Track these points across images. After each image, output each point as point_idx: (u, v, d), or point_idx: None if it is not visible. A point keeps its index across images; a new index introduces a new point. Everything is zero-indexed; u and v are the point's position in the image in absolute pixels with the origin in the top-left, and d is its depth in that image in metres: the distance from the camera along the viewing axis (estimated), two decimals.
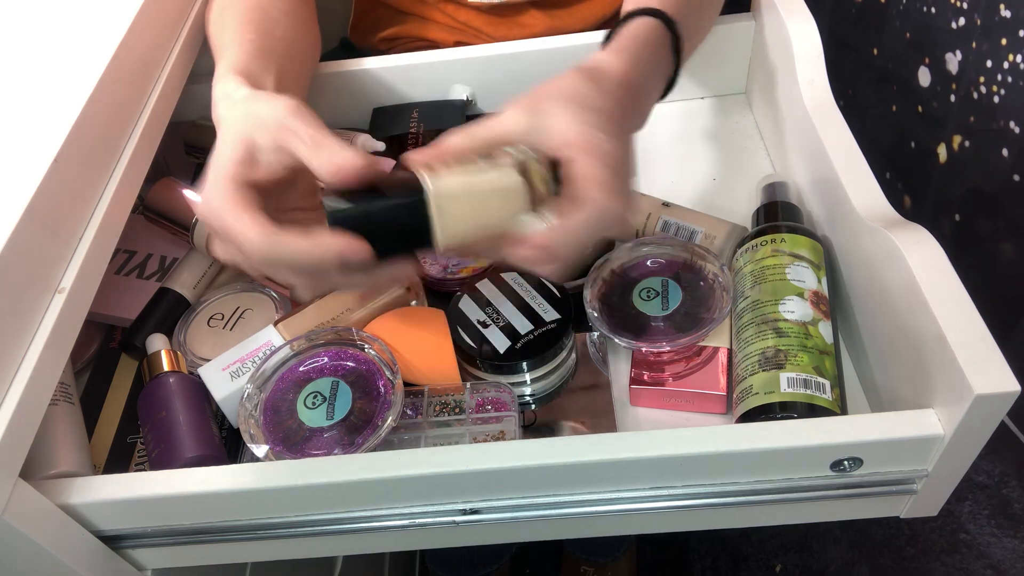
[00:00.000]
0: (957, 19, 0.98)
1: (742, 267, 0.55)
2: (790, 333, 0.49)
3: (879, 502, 0.46)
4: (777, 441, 0.42)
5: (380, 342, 0.52)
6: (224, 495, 0.45)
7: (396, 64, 0.71)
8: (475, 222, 0.41)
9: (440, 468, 0.43)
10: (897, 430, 0.42)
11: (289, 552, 0.51)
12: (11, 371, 0.41)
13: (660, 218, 0.62)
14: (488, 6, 0.77)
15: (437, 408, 0.52)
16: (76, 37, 0.55)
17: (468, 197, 0.40)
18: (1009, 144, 0.95)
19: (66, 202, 0.47)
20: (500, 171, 0.41)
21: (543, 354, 0.53)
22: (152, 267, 0.66)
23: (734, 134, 0.74)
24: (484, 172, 0.41)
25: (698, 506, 0.46)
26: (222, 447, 0.52)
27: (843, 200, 0.51)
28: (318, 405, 0.50)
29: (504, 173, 0.40)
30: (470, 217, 0.41)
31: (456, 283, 0.59)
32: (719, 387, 0.52)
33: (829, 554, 1.20)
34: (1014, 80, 0.91)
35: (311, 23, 0.67)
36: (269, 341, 0.54)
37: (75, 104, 0.49)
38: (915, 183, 1.17)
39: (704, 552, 1.23)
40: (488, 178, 0.40)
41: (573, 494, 0.46)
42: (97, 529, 0.47)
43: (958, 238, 1.10)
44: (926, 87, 1.07)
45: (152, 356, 0.55)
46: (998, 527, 1.18)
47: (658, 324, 0.53)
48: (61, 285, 0.45)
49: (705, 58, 0.75)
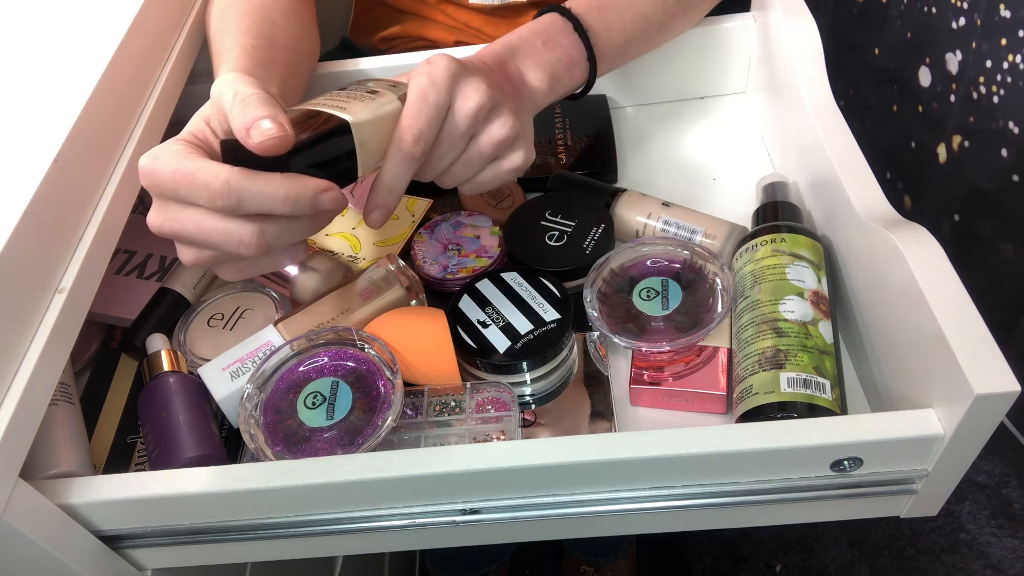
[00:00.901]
0: (957, 19, 0.98)
1: (742, 267, 0.55)
2: (790, 333, 0.49)
3: (879, 502, 0.46)
4: (777, 441, 0.42)
5: (380, 342, 0.52)
6: (224, 495, 0.45)
7: (396, 64, 0.71)
8: (381, 147, 0.46)
9: (440, 468, 0.43)
10: (897, 430, 0.42)
11: (289, 552, 0.51)
12: (11, 371, 0.41)
13: (660, 218, 0.62)
14: (489, 8, 0.77)
15: (437, 408, 0.52)
16: (76, 37, 0.55)
17: (373, 124, 0.44)
18: (1008, 144, 0.95)
19: (66, 202, 0.47)
20: (386, 99, 0.46)
21: (543, 354, 0.53)
22: (152, 267, 0.66)
23: (734, 134, 0.74)
24: (376, 102, 0.45)
25: (698, 506, 0.46)
26: (222, 447, 0.52)
27: (843, 200, 0.51)
28: (318, 405, 0.50)
29: (387, 99, 0.46)
30: (377, 143, 0.45)
31: (456, 283, 0.59)
32: (719, 387, 0.52)
33: (829, 554, 1.20)
34: (1014, 80, 0.91)
35: (311, 25, 0.67)
36: (269, 341, 0.54)
37: (75, 104, 0.49)
38: (915, 183, 1.17)
39: (704, 552, 1.23)
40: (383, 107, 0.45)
41: (573, 494, 0.46)
42: (97, 529, 0.47)
43: (958, 238, 1.10)
44: (926, 87, 1.07)
45: (152, 356, 0.55)
46: (998, 527, 1.18)
47: (658, 324, 0.53)
48: (61, 285, 0.45)
49: (705, 58, 0.75)
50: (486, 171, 0.50)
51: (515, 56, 0.55)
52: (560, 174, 0.68)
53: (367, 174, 0.46)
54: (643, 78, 0.77)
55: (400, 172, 0.46)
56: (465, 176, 0.50)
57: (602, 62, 0.59)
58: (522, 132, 0.50)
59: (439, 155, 0.48)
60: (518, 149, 0.50)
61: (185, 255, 0.44)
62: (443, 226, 0.64)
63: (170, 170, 0.40)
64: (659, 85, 0.77)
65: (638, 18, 0.62)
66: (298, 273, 0.60)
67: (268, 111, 0.40)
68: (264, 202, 0.40)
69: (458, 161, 0.49)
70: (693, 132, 0.75)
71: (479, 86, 0.47)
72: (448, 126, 0.47)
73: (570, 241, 0.59)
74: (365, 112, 0.44)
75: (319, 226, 0.44)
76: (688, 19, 0.68)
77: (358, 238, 0.66)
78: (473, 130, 0.48)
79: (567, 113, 0.76)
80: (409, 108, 0.46)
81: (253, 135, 0.39)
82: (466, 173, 0.50)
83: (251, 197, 0.40)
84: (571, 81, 0.58)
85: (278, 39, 0.58)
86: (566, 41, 0.57)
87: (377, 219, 0.48)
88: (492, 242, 0.62)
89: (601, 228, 0.60)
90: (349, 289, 0.57)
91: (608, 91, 0.78)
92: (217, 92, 0.43)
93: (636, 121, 0.77)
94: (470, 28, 0.79)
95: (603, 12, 0.60)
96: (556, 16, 0.58)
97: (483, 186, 0.51)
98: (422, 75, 0.46)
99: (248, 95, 0.41)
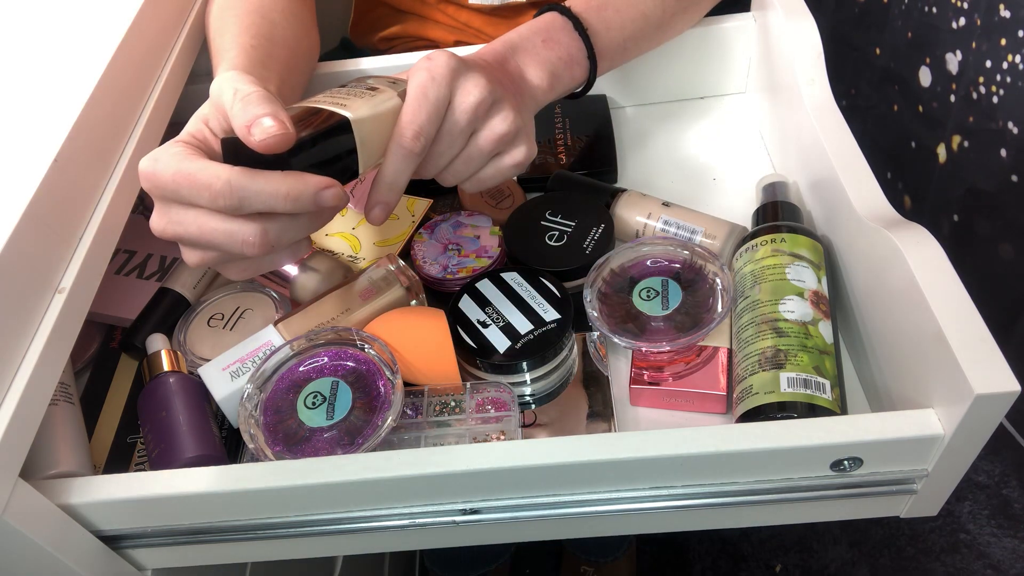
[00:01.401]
0: (958, 19, 0.98)
1: (742, 267, 0.55)
2: (790, 333, 0.49)
3: (879, 502, 0.46)
4: (777, 441, 0.42)
5: (380, 342, 0.52)
6: (224, 495, 0.45)
7: (396, 64, 0.71)
8: (381, 144, 0.46)
9: (440, 468, 0.43)
10: (897, 430, 0.42)
11: (289, 552, 0.51)
12: (11, 371, 0.41)
13: (660, 218, 0.62)
14: (489, 8, 0.77)
15: (437, 408, 0.52)
16: (76, 37, 0.55)
17: (373, 121, 0.44)
18: (1008, 144, 0.95)
19: (66, 202, 0.47)
20: (386, 95, 0.46)
21: (543, 354, 0.53)
22: (152, 267, 0.66)
23: (734, 134, 0.74)
24: (376, 99, 0.45)
25: (698, 506, 0.46)
26: (222, 447, 0.52)
27: (843, 200, 0.51)
28: (318, 405, 0.50)
29: (387, 96, 0.46)
30: (378, 140, 0.45)
31: (456, 283, 0.59)
32: (719, 387, 0.52)
33: (829, 554, 1.20)
34: (1013, 80, 0.91)
35: (310, 25, 0.67)
36: (269, 341, 0.54)
37: (75, 104, 0.49)
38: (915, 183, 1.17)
39: (704, 552, 1.23)
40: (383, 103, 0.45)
41: (573, 494, 0.46)
42: (97, 529, 0.47)
43: (958, 238, 1.10)
44: (927, 87, 1.07)
45: (152, 356, 0.55)
46: (998, 527, 1.18)
47: (658, 324, 0.53)
48: (61, 285, 0.45)
49: (705, 58, 0.75)
50: (487, 167, 0.50)
51: (515, 54, 0.55)
52: (560, 174, 0.68)
53: (368, 171, 0.46)
54: (643, 78, 0.77)
55: (401, 168, 0.46)
56: (466, 173, 0.50)
57: (602, 60, 0.59)
58: (523, 128, 0.50)
59: (440, 151, 0.48)
60: (519, 145, 0.50)
61: (189, 257, 0.44)
62: (443, 226, 0.64)
63: (171, 172, 0.40)
64: (659, 85, 0.77)
65: (638, 16, 0.62)
66: (298, 273, 0.60)
67: (269, 108, 0.40)
68: (266, 201, 0.40)
69: (459, 157, 0.49)
70: (693, 132, 0.75)
71: (479, 82, 0.47)
72: (448, 122, 0.47)
73: (570, 241, 0.59)
74: (365, 109, 0.44)
75: (322, 223, 0.44)
76: (688, 18, 0.68)
77: (358, 238, 0.66)
78: (474, 125, 0.48)
79: (567, 113, 0.76)
80: (409, 104, 0.46)
81: (255, 133, 0.39)
82: (467, 169, 0.50)
83: (253, 196, 0.40)
84: (571, 79, 0.58)
85: (277, 38, 0.58)
86: (566, 39, 0.57)
87: (378, 216, 0.48)
88: (492, 242, 0.62)
89: (601, 228, 0.60)
90: (349, 289, 0.57)
91: (608, 91, 0.78)
92: (216, 91, 0.43)
93: (636, 121, 0.77)
94: (470, 28, 0.79)
95: (603, 11, 0.60)
96: (556, 15, 0.58)
97: (484, 183, 0.51)
98: (422, 71, 0.46)
99: (248, 93, 0.41)
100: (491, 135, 0.48)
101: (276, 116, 0.39)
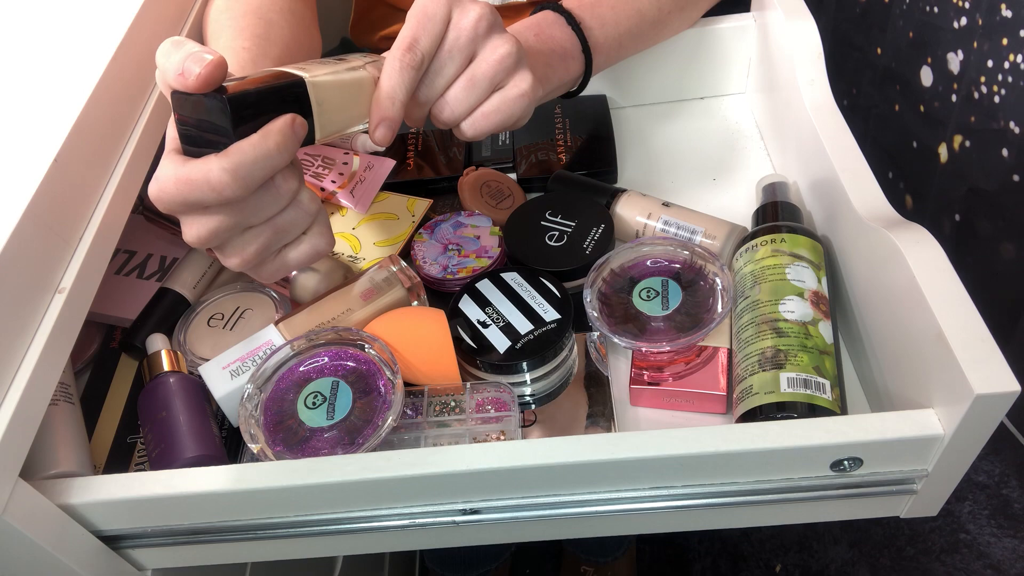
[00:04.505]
0: (959, 19, 0.98)
1: (742, 267, 0.55)
2: (790, 333, 0.49)
3: (879, 502, 0.46)
4: (777, 441, 0.42)
5: (380, 342, 0.52)
6: (224, 495, 0.45)
7: None
8: (344, 112, 0.46)
9: (440, 468, 0.43)
10: (897, 430, 0.42)
11: (289, 552, 0.51)
12: (11, 371, 0.41)
13: (660, 218, 0.62)
14: None
15: (437, 408, 0.52)
16: (76, 37, 0.55)
17: (336, 89, 0.44)
18: (1009, 144, 0.95)
19: (66, 202, 0.47)
20: (353, 64, 0.46)
21: (543, 354, 0.53)
22: (152, 267, 0.66)
23: (734, 134, 0.74)
24: (339, 66, 0.46)
25: (698, 506, 0.46)
26: (222, 447, 0.52)
27: (843, 200, 0.51)
28: (318, 405, 0.50)
29: (355, 65, 0.46)
30: (339, 106, 0.45)
31: (456, 283, 0.59)
32: (719, 387, 0.52)
33: (829, 554, 1.20)
34: (1015, 80, 0.91)
35: (311, 24, 0.67)
36: (269, 341, 0.54)
37: (75, 104, 0.49)
38: (917, 183, 1.17)
39: (704, 552, 1.23)
40: (349, 74, 0.46)
41: (573, 494, 0.46)
42: (97, 529, 0.47)
43: (959, 238, 1.10)
44: (928, 86, 1.07)
45: (152, 356, 0.55)
46: (998, 527, 1.18)
47: (658, 324, 0.53)
48: (61, 285, 0.45)
49: (705, 58, 0.75)
50: (491, 99, 0.48)
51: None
52: (560, 174, 0.68)
53: (327, 137, 0.46)
54: (643, 78, 0.77)
55: (397, 81, 0.45)
56: (467, 101, 0.47)
57: (597, 55, 0.59)
58: (525, 58, 0.48)
59: (438, 67, 0.46)
60: (522, 71, 0.48)
61: (229, 260, 0.44)
62: (443, 226, 0.64)
63: (172, 182, 0.40)
64: (659, 85, 0.77)
65: (633, 13, 0.62)
66: (298, 273, 0.60)
67: (190, 48, 0.39)
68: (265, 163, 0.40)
69: (459, 81, 0.47)
70: (693, 132, 0.75)
71: (478, 4, 0.47)
72: (448, 40, 0.46)
73: (570, 241, 0.59)
74: (324, 73, 0.44)
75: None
76: (686, 16, 0.68)
77: (358, 238, 0.66)
78: (474, 44, 0.46)
79: (567, 113, 0.76)
80: (408, 21, 0.45)
81: (188, 71, 0.38)
82: (468, 97, 0.47)
83: (250, 166, 0.39)
84: (566, 72, 0.58)
85: (273, 38, 0.58)
86: (559, 34, 0.58)
87: (383, 134, 0.46)
88: (492, 242, 0.62)
89: (601, 228, 0.60)
90: (350, 289, 0.57)
91: (608, 91, 0.78)
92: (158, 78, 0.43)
93: (636, 121, 0.77)
94: None
95: (596, 7, 0.60)
96: (548, 12, 0.59)
97: (489, 120, 0.48)
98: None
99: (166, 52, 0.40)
100: (492, 56, 0.47)
101: (199, 53, 0.39)
